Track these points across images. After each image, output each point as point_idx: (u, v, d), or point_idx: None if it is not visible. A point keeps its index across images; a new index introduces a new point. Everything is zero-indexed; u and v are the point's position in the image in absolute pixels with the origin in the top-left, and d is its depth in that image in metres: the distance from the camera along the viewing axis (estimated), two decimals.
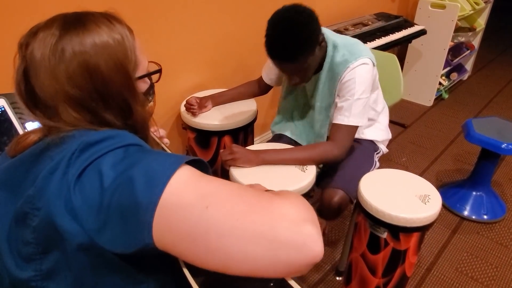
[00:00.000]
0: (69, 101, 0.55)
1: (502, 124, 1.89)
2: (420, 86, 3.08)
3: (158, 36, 1.62)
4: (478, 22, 3.30)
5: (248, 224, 0.48)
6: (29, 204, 0.52)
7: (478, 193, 1.97)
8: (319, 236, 0.49)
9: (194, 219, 0.48)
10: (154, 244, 0.49)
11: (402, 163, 2.37)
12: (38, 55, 0.53)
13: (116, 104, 0.58)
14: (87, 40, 0.54)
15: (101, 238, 0.49)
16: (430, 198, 1.16)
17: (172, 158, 0.51)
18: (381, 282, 1.27)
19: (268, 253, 0.48)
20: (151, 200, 0.47)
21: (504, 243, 1.80)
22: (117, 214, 0.49)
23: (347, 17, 2.56)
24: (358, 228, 1.28)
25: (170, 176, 0.49)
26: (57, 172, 0.51)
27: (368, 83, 1.21)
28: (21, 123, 1.14)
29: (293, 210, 0.50)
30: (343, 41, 1.25)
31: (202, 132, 1.57)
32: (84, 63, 0.54)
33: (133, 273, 0.56)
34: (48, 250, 0.53)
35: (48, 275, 0.54)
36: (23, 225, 0.53)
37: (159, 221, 0.48)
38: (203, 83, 1.91)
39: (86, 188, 0.50)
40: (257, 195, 0.51)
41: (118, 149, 0.53)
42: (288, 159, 1.22)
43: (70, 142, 0.54)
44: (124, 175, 0.49)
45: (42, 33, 0.54)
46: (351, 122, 1.21)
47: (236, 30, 1.94)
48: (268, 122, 2.41)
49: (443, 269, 1.66)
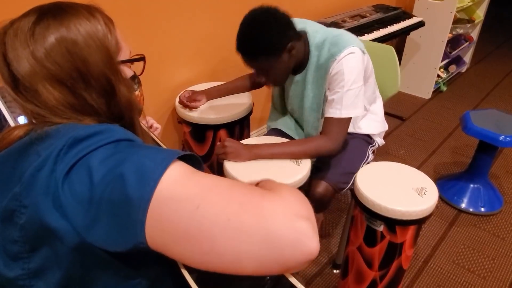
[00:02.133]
0: (49, 79, 0.53)
1: (500, 117, 1.89)
2: (418, 79, 3.07)
3: (151, 30, 1.60)
4: (477, 13, 3.27)
5: (240, 223, 0.46)
6: (16, 202, 0.51)
7: (476, 185, 1.96)
8: (314, 232, 0.47)
9: (185, 220, 0.46)
10: (147, 243, 0.48)
11: (400, 156, 2.37)
12: (15, 39, 0.53)
13: (97, 82, 0.56)
14: (65, 21, 0.54)
15: (91, 235, 0.48)
16: (426, 191, 1.16)
17: (163, 154, 0.50)
18: (377, 275, 1.27)
19: (261, 252, 0.46)
20: (143, 198, 0.46)
21: (501, 235, 1.80)
22: (108, 211, 0.47)
23: (344, 9, 2.54)
24: (354, 221, 1.27)
25: (162, 173, 0.47)
26: (45, 168, 0.50)
27: (357, 72, 1.18)
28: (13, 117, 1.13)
29: (286, 206, 0.49)
30: (326, 35, 1.23)
31: (197, 126, 1.56)
32: (62, 40, 0.53)
33: (124, 270, 0.55)
34: (36, 248, 0.52)
35: (36, 273, 0.53)
36: (9, 223, 0.52)
37: (152, 220, 0.46)
38: (197, 77, 1.89)
39: (75, 184, 0.49)
40: (248, 193, 0.50)
41: (107, 144, 0.51)
42: (281, 154, 1.21)
43: (57, 137, 0.52)
44: (115, 172, 0.48)
45: (19, 20, 0.54)
46: (343, 114, 1.20)
47: (230, 24, 1.92)
48: (264, 116, 2.40)
49: (440, 262, 1.66)
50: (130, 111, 0.62)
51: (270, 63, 1.17)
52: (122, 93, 0.60)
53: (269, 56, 1.15)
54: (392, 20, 2.49)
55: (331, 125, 1.22)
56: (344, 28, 2.17)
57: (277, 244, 0.46)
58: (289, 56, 1.19)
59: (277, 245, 0.46)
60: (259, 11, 1.14)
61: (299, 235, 0.46)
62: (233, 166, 1.18)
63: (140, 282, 0.58)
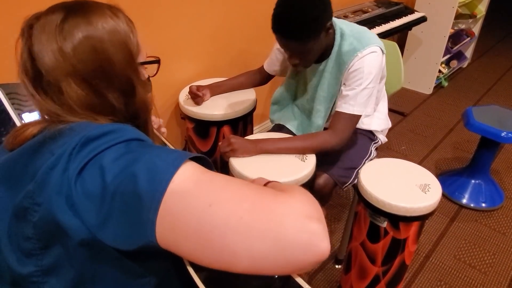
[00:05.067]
0: (73, 76, 0.54)
1: (502, 112, 1.89)
2: (420, 74, 3.07)
3: (155, 25, 1.59)
4: (478, 8, 3.26)
5: (252, 222, 0.46)
6: (29, 199, 0.51)
7: (477, 181, 1.97)
8: (325, 234, 0.48)
9: (197, 218, 0.47)
10: (157, 242, 0.48)
11: (401, 152, 2.37)
12: (43, 34, 0.53)
13: (119, 82, 0.57)
14: (92, 20, 0.55)
15: (102, 233, 0.49)
16: (430, 188, 1.16)
17: (174, 154, 0.50)
18: (380, 271, 1.28)
19: (272, 252, 0.46)
20: (154, 197, 0.47)
21: (502, 230, 1.82)
22: (119, 210, 0.48)
23: (346, 4, 2.53)
24: (358, 217, 1.28)
25: (174, 173, 0.48)
26: (58, 167, 0.50)
27: (376, 72, 1.18)
28: (17, 114, 1.13)
29: (298, 207, 0.49)
30: (351, 28, 1.22)
31: (201, 122, 1.56)
32: (89, 38, 0.54)
33: (134, 268, 0.55)
34: (49, 246, 0.53)
35: (48, 270, 0.54)
36: (23, 221, 0.52)
37: (162, 219, 0.47)
38: (201, 72, 1.89)
39: (87, 183, 0.49)
40: (261, 193, 0.50)
41: (119, 144, 0.52)
42: (286, 148, 1.21)
43: (71, 136, 0.52)
44: (127, 171, 0.48)
45: (45, 16, 0.55)
46: (356, 111, 1.20)
47: (235, 19, 1.91)
48: (267, 112, 2.40)
49: (442, 257, 1.67)
50: (145, 112, 0.63)
51: (310, 44, 1.13)
52: (140, 93, 0.61)
53: (312, 37, 1.11)
54: (394, 15, 2.48)
55: (340, 120, 1.21)
56: None
57: (288, 244, 0.46)
58: (325, 35, 1.16)
59: (288, 245, 0.46)
60: None
61: (310, 236, 0.46)
62: (239, 162, 1.18)
63: (150, 281, 0.58)
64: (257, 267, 0.48)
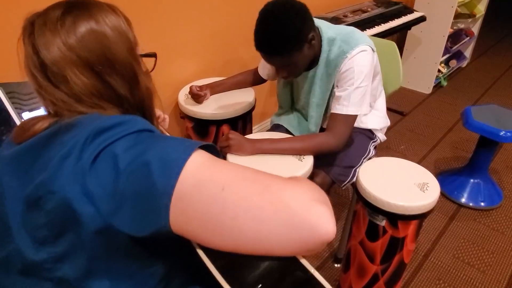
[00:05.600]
0: (77, 64, 0.56)
1: (501, 112, 1.89)
2: (419, 74, 3.07)
3: (154, 25, 1.60)
4: (478, 8, 3.27)
5: (263, 204, 0.49)
6: (43, 188, 0.53)
7: (476, 180, 1.98)
8: (331, 216, 0.51)
9: (210, 201, 0.49)
10: (170, 227, 0.50)
11: (400, 151, 2.38)
12: (45, 27, 0.55)
13: (122, 68, 0.60)
14: (92, 12, 0.58)
15: (116, 220, 0.51)
16: (428, 186, 1.17)
17: (185, 143, 0.53)
18: (379, 269, 1.28)
19: (282, 233, 0.49)
20: (168, 183, 0.48)
21: (501, 229, 1.82)
22: (133, 197, 0.50)
23: (346, 4, 2.53)
24: (356, 216, 1.28)
25: (186, 160, 0.50)
26: (71, 157, 0.52)
27: (367, 70, 1.19)
28: (17, 113, 1.13)
29: (305, 191, 0.52)
30: (338, 32, 1.23)
31: (200, 121, 1.56)
32: (91, 28, 0.57)
33: (143, 257, 0.57)
34: (62, 233, 0.54)
35: (61, 257, 0.55)
36: (36, 209, 0.54)
37: (176, 204, 0.49)
38: (200, 72, 1.89)
39: (100, 172, 0.51)
40: (271, 178, 0.53)
41: (131, 134, 0.54)
42: (284, 149, 1.22)
43: (82, 128, 0.54)
44: (139, 160, 0.50)
45: (46, 12, 0.57)
46: (350, 111, 1.20)
47: (234, 19, 1.92)
48: (266, 111, 2.41)
49: (440, 256, 1.68)
50: (149, 99, 0.66)
51: (293, 57, 1.14)
52: (143, 81, 0.64)
53: (293, 50, 1.12)
54: (393, 15, 2.48)
55: (336, 122, 1.22)
56: (345, 23, 2.17)
57: (297, 225, 0.49)
58: (309, 47, 1.17)
59: (297, 226, 0.49)
60: (276, 4, 1.10)
61: (318, 217, 0.49)
62: (235, 160, 1.19)
63: (156, 270, 0.60)
64: (266, 248, 0.50)
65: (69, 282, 0.56)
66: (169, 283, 0.64)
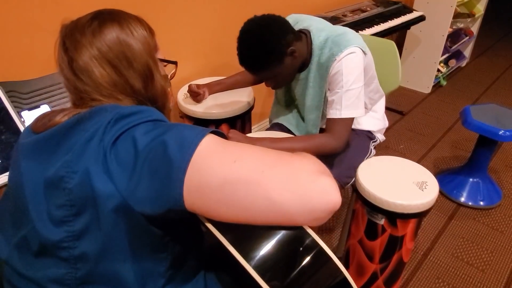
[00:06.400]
0: (99, 59, 0.63)
1: (500, 111, 1.89)
2: (418, 73, 3.07)
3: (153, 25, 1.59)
4: (477, 8, 3.27)
5: (273, 174, 0.53)
6: (66, 168, 0.56)
7: (475, 179, 1.98)
8: (336, 186, 0.55)
9: (223, 172, 0.52)
10: (184, 203, 0.53)
11: (399, 150, 2.38)
12: (75, 29, 0.64)
13: (139, 65, 0.66)
14: (115, 18, 0.66)
15: (134, 197, 0.54)
16: (427, 185, 1.17)
17: (200, 128, 0.57)
18: (378, 268, 1.28)
19: (291, 201, 0.52)
20: (183, 159, 0.52)
21: (500, 228, 1.82)
22: (150, 174, 0.53)
23: (345, 3, 2.53)
24: (355, 215, 1.29)
25: (200, 140, 0.54)
26: (94, 139, 0.56)
27: (357, 72, 1.18)
28: (17, 112, 1.13)
29: (311, 164, 0.57)
30: (330, 34, 1.22)
31: (199, 120, 1.56)
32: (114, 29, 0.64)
33: (156, 240, 0.60)
34: (81, 212, 0.57)
35: (79, 235, 0.58)
36: (56, 190, 0.57)
37: (190, 178, 0.52)
38: (199, 71, 1.90)
39: (120, 152, 0.55)
40: (278, 153, 0.57)
41: (149, 122, 0.59)
42: (283, 149, 1.21)
43: (103, 115, 0.59)
44: (157, 140, 0.54)
45: (78, 18, 0.66)
46: (344, 115, 1.19)
47: (232, 19, 1.92)
48: (265, 111, 2.41)
49: (440, 255, 1.68)
50: (163, 98, 0.72)
51: (275, 71, 1.18)
52: (158, 80, 0.69)
53: (272, 65, 1.15)
54: (393, 15, 2.48)
55: (332, 126, 1.21)
56: (344, 23, 2.17)
57: (305, 193, 0.52)
58: (292, 58, 1.19)
59: (305, 194, 0.52)
60: (253, 24, 1.13)
61: (324, 185, 0.53)
62: None
63: (166, 257, 0.63)
64: (278, 217, 0.54)
65: (86, 260, 0.59)
66: (176, 272, 0.66)
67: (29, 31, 1.24)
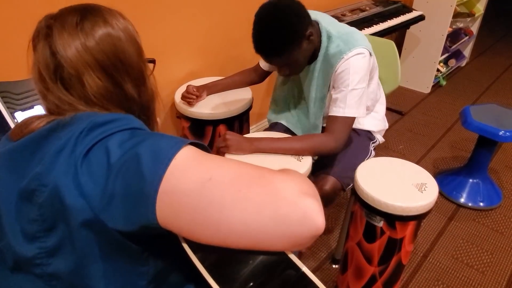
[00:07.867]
0: (94, 67, 0.58)
1: (500, 111, 1.88)
2: (418, 73, 3.06)
3: (150, 24, 1.58)
4: (477, 7, 3.25)
5: (250, 195, 0.48)
6: (36, 181, 0.53)
7: (475, 180, 1.96)
8: (320, 209, 0.50)
9: (197, 191, 0.48)
10: (157, 220, 0.49)
11: (399, 151, 2.36)
12: (63, 30, 0.57)
13: (133, 72, 0.62)
14: (107, 18, 0.60)
15: (105, 214, 0.50)
16: (426, 187, 1.15)
17: (177, 139, 0.53)
18: (377, 270, 1.27)
19: (269, 225, 0.48)
20: (156, 173, 0.48)
21: (500, 229, 1.81)
22: (122, 190, 0.50)
23: (344, 3, 2.52)
24: (354, 217, 1.27)
25: (176, 153, 0.50)
26: (65, 150, 0.53)
27: (363, 73, 1.18)
28: (10, 113, 1.12)
29: (294, 184, 0.51)
30: (338, 30, 1.22)
31: (196, 121, 1.55)
32: (109, 34, 0.59)
33: (137, 254, 0.57)
34: (53, 227, 0.54)
35: (52, 252, 0.55)
36: (28, 203, 0.54)
37: (163, 195, 0.48)
38: (196, 71, 1.88)
39: (93, 165, 0.51)
40: (258, 170, 0.52)
41: (125, 130, 0.55)
42: (282, 149, 1.20)
43: (78, 123, 0.55)
44: (131, 152, 0.51)
45: (61, 17, 0.59)
46: (347, 113, 1.19)
47: (230, 18, 1.90)
48: (264, 111, 2.39)
49: (439, 256, 1.66)
50: (153, 102, 0.69)
51: (293, 56, 1.15)
52: (149, 83, 0.66)
53: (291, 49, 1.13)
54: (392, 14, 2.47)
55: (334, 124, 1.21)
56: (343, 22, 2.16)
57: (285, 217, 0.48)
58: (308, 43, 1.18)
59: (285, 218, 0.48)
60: (270, 5, 1.11)
61: (306, 210, 0.48)
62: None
63: (148, 271, 0.59)
64: (254, 242, 0.49)
65: (60, 278, 0.56)
66: (159, 285, 0.63)
67: (21, 31, 1.22)
